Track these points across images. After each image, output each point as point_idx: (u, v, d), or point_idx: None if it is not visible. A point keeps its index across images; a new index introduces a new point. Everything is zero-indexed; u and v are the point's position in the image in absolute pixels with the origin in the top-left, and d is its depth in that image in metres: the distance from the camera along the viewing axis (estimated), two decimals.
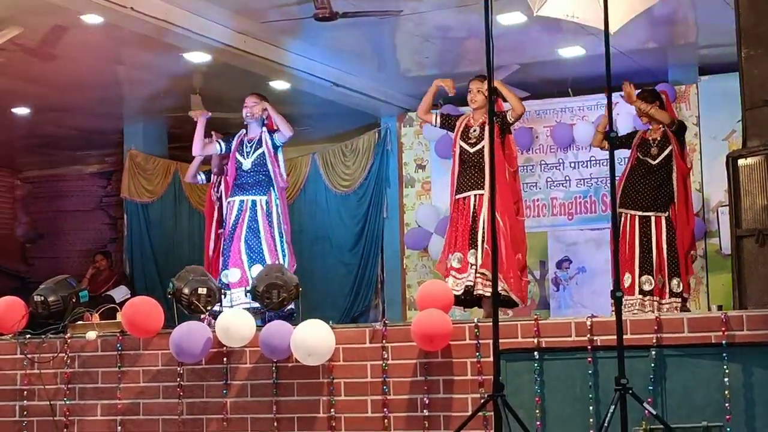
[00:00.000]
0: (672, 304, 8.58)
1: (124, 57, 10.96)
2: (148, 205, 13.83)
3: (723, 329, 5.79)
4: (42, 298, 7.46)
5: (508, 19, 9.91)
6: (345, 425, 6.49)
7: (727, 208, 6.89)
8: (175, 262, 11.80)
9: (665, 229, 8.66)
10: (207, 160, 9.50)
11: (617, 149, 8.94)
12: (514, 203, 8.24)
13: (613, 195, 5.62)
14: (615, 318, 5.43)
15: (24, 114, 12.94)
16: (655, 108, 8.74)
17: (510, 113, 8.12)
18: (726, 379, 5.74)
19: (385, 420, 6.39)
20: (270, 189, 8.63)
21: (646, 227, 8.70)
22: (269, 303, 7.21)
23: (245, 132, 8.86)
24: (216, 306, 7.41)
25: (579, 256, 11.94)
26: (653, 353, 5.90)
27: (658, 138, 8.79)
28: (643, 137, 8.91)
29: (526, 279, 8.38)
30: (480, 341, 6.23)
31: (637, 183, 8.77)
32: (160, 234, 13.91)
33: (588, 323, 6.05)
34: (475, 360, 6.24)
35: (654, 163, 8.74)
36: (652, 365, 5.89)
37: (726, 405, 5.73)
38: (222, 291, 7.92)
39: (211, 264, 9.12)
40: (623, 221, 8.76)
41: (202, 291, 7.17)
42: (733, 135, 10.94)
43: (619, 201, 8.78)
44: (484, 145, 8.08)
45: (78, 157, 15.51)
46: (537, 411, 6.09)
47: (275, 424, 6.63)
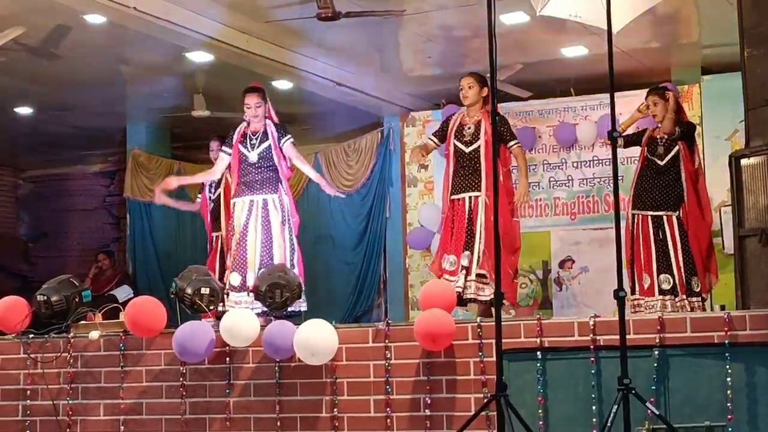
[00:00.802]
0: (695, 303, 8.56)
1: (126, 56, 10.96)
2: (150, 205, 13.79)
3: (726, 329, 5.78)
4: (45, 297, 7.46)
5: (510, 19, 9.91)
6: (348, 425, 6.49)
7: (730, 207, 6.88)
8: (178, 261, 11.82)
9: (677, 228, 8.60)
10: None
11: (629, 147, 9.02)
12: (508, 203, 8.16)
13: (616, 194, 5.60)
14: (618, 318, 5.43)
15: (27, 113, 12.96)
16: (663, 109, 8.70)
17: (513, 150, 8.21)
18: (729, 379, 5.74)
19: (388, 420, 6.39)
20: (279, 185, 8.40)
21: (659, 227, 8.64)
22: (272, 303, 7.21)
23: (246, 124, 8.50)
24: (219, 306, 7.41)
25: (582, 255, 11.94)
26: (656, 353, 5.90)
27: (665, 136, 8.73)
28: (651, 135, 8.85)
29: (516, 281, 8.33)
30: (483, 341, 6.23)
31: (647, 183, 8.72)
32: (162, 233, 13.92)
33: (591, 323, 6.04)
34: (478, 360, 6.23)
35: (662, 164, 8.69)
36: (654, 365, 5.89)
37: (728, 405, 5.73)
38: (226, 292, 7.94)
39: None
40: (636, 223, 8.73)
41: (204, 291, 7.17)
42: (736, 135, 10.93)
43: (632, 202, 8.78)
44: (479, 145, 8.05)
45: (81, 157, 15.52)
46: (540, 411, 6.09)
47: (278, 423, 6.63)
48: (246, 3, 9.69)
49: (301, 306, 7.94)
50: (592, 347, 6.01)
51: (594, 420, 5.94)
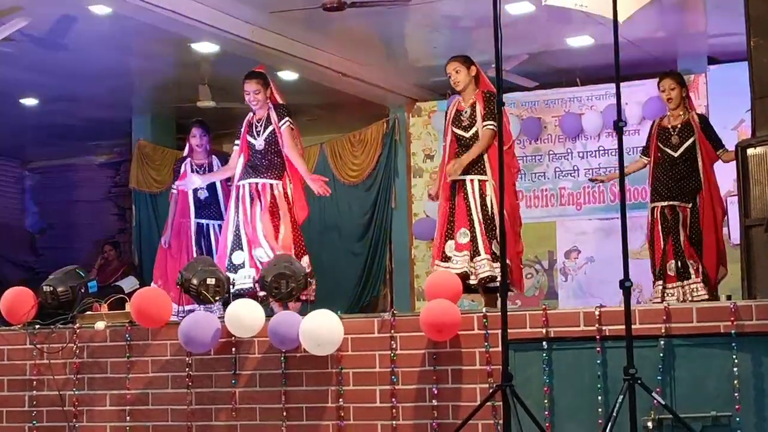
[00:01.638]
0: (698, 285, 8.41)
1: (132, 47, 10.96)
2: (156, 196, 13.82)
3: (732, 319, 5.77)
4: (51, 288, 7.47)
5: (516, 9, 9.91)
6: (354, 415, 6.49)
7: (736, 197, 6.87)
8: None
9: (689, 219, 8.47)
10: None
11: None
12: (512, 184, 8.03)
13: (622, 184, 5.60)
14: (624, 308, 5.42)
15: (32, 104, 12.97)
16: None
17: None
18: (735, 369, 5.73)
19: (394, 410, 6.39)
20: (284, 173, 8.37)
21: (674, 215, 8.47)
22: (278, 293, 7.21)
23: (252, 114, 8.52)
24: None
25: (587, 245, 11.94)
26: (662, 343, 5.88)
27: (678, 125, 8.56)
28: (661, 125, 8.68)
29: (517, 263, 8.06)
30: (488, 331, 6.22)
31: (662, 176, 8.56)
32: None
33: (596, 313, 6.04)
34: (484, 350, 6.23)
35: (676, 155, 8.52)
36: (660, 355, 5.88)
37: (735, 395, 5.72)
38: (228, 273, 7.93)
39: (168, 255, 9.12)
40: (656, 215, 8.58)
41: (210, 281, 7.17)
42: (743, 124, 10.91)
43: (650, 197, 8.69)
44: (479, 128, 7.88)
45: (86, 148, 15.53)
46: (545, 401, 6.08)
47: (284, 413, 6.63)
48: None
49: (310, 296, 7.93)
50: (597, 337, 6.01)
51: (600, 410, 5.94)
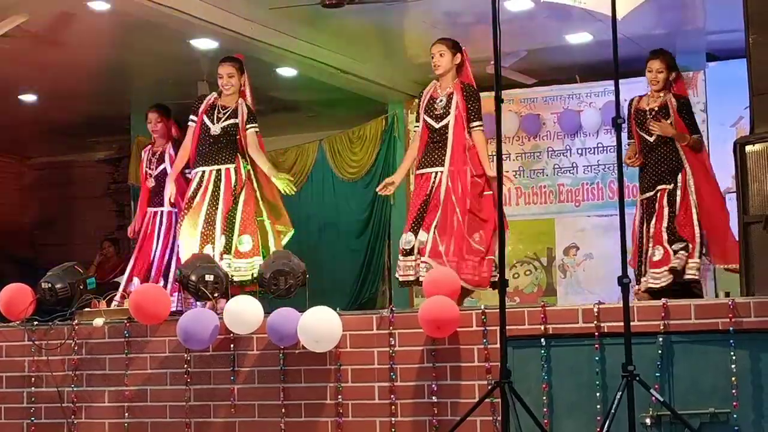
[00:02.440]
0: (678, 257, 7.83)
1: (131, 44, 10.94)
2: None
3: (730, 316, 5.78)
4: (49, 285, 7.49)
5: (515, 5, 9.90)
6: (352, 412, 6.50)
7: (735, 194, 6.87)
8: None
9: (666, 202, 7.99)
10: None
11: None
12: (479, 177, 7.55)
13: (620, 180, 5.61)
14: (622, 304, 5.43)
15: (31, 101, 12.95)
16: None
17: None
18: (733, 366, 5.74)
19: (393, 407, 6.40)
20: (237, 156, 8.04)
21: (654, 202, 8.02)
22: (276, 290, 7.21)
23: (217, 96, 8.26)
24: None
25: (586, 242, 11.93)
26: (660, 340, 5.89)
27: (656, 108, 8.15)
28: (638, 107, 8.27)
29: (489, 258, 7.47)
30: (487, 328, 6.23)
31: (645, 165, 8.16)
32: None
33: (595, 310, 6.04)
34: (482, 347, 6.24)
35: (652, 140, 8.12)
36: (659, 352, 5.89)
37: (733, 392, 5.73)
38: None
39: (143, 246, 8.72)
40: (639, 207, 8.20)
41: (209, 278, 7.18)
42: (741, 121, 10.90)
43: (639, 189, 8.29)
44: (449, 120, 7.57)
45: (85, 144, 15.51)
46: (544, 398, 6.09)
47: (282, 410, 6.64)
48: None
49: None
50: (596, 334, 6.01)
51: (598, 407, 5.95)
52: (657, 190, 8.08)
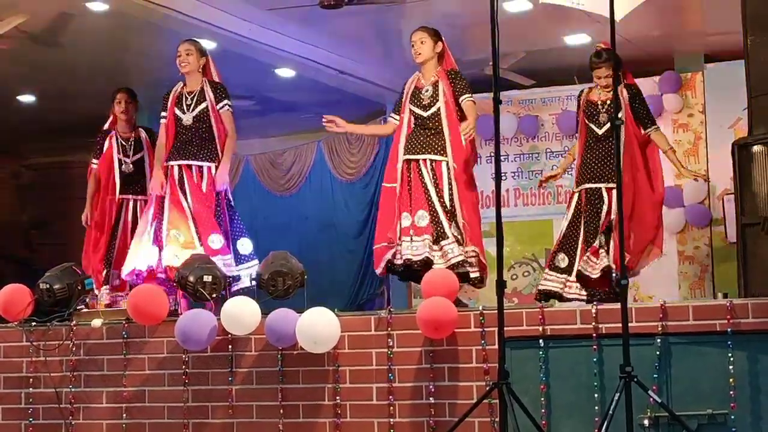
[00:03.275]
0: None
1: (129, 44, 10.95)
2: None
3: (728, 317, 5.78)
4: (47, 285, 7.48)
5: (514, 6, 9.91)
6: (350, 412, 6.50)
7: (733, 196, 6.87)
8: None
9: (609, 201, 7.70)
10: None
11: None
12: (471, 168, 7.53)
13: (619, 182, 5.61)
14: (620, 306, 5.43)
15: (29, 101, 12.96)
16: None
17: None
18: (731, 367, 5.74)
19: (391, 407, 6.40)
20: (217, 155, 7.87)
21: (597, 199, 7.77)
22: (274, 291, 7.20)
23: (183, 84, 8.12)
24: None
25: None
26: (658, 341, 5.90)
27: (608, 101, 7.89)
28: (589, 98, 8.06)
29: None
30: (485, 329, 6.23)
31: (588, 155, 7.90)
32: None
33: (593, 311, 6.05)
34: (480, 348, 6.24)
35: (600, 132, 7.88)
36: (657, 353, 5.89)
37: (731, 393, 5.73)
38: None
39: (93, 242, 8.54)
40: (580, 200, 7.89)
41: (207, 278, 7.16)
42: (739, 123, 10.91)
43: (575, 180, 8.00)
44: (439, 107, 7.45)
45: (83, 145, 15.48)
46: (542, 399, 6.09)
47: (281, 411, 6.64)
48: None
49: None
50: (594, 335, 6.02)
51: (596, 408, 5.95)
52: (601, 186, 7.78)
